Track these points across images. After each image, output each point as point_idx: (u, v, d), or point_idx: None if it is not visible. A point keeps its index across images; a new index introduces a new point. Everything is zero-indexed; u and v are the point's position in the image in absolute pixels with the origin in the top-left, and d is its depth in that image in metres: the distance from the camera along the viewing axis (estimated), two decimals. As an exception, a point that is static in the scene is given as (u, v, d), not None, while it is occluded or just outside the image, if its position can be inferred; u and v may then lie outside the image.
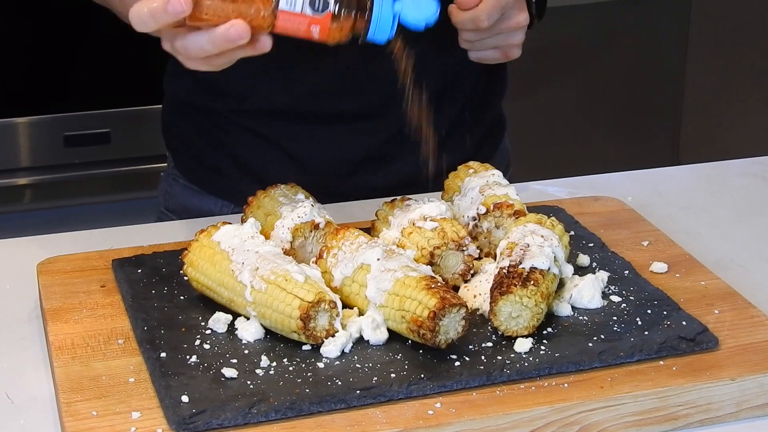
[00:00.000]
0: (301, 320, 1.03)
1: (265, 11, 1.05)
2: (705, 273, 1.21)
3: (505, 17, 1.30)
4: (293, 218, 1.18)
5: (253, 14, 1.05)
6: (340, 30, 1.07)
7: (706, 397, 1.02)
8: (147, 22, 1.05)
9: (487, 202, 1.21)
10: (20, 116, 2.58)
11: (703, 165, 1.62)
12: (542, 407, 0.98)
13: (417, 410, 0.98)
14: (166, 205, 1.61)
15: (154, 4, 1.04)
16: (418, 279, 1.06)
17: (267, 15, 1.06)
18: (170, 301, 1.13)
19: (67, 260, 1.23)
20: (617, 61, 3.27)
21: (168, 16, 1.04)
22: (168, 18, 1.04)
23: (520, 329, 1.06)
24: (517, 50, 1.35)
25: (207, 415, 0.95)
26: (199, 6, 1.04)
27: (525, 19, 1.32)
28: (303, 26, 1.06)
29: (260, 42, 1.07)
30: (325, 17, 1.06)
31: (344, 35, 1.08)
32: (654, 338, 1.06)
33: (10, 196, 2.63)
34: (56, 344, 1.07)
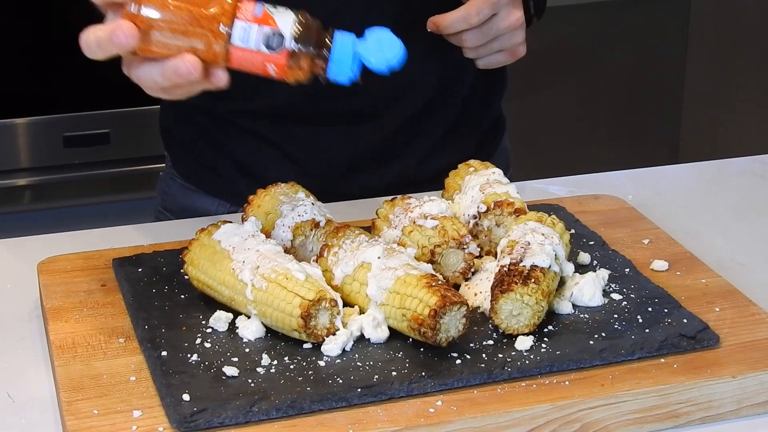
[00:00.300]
0: (302, 318, 1.03)
1: (217, 46, 1.01)
2: (705, 271, 1.21)
3: (499, 17, 1.30)
4: (294, 217, 1.18)
5: (205, 49, 1.01)
6: (298, 69, 1.02)
7: (707, 395, 1.02)
8: (94, 51, 1.01)
9: (488, 200, 1.21)
10: (20, 117, 2.58)
11: (703, 163, 1.62)
12: (543, 405, 0.98)
13: (418, 408, 0.97)
14: (163, 204, 1.61)
15: (100, 33, 1.00)
16: (419, 277, 1.06)
17: (219, 50, 1.01)
18: (171, 300, 1.13)
19: (67, 260, 1.23)
20: (617, 61, 3.27)
21: (113, 46, 1.00)
22: (114, 48, 1.00)
23: (521, 327, 1.06)
24: (522, 48, 1.35)
25: (208, 414, 0.95)
26: (147, 38, 1.00)
27: (520, 17, 1.32)
28: (258, 63, 1.01)
29: (215, 76, 1.02)
30: (281, 55, 1.01)
31: (303, 75, 1.03)
32: (655, 336, 1.06)
33: (10, 196, 2.64)
34: (57, 343, 1.07)
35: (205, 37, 1.01)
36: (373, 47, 1.03)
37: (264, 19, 1.01)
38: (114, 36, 0.99)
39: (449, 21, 1.30)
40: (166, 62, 1.01)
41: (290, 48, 1.01)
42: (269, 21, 1.01)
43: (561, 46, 3.13)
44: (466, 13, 1.28)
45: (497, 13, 1.30)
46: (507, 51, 1.34)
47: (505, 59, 1.35)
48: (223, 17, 1.00)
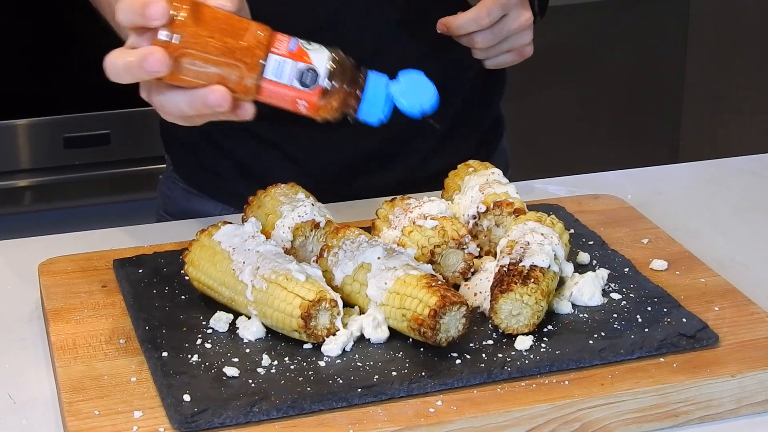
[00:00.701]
0: (302, 319, 1.04)
1: (249, 79, 0.98)
2: (705, 270, 1.21)
3: (510, 18, 1.30)
4: (294, 217, 1.18)
5: (236, 80, 0.98)
6: (329, 107, 1.00)
7: (706, 394, 1.02)
8: (122, 75, 0.98)
9: (487, 200, 1.22)
10: (20, 118, 2.59)
11: (702, 163, 1.62)
12: (543, 405, 0.98)
13: (418, 408, 0.98)
14: (165, 208, 1.61)
15: (130, 58, 0.97)
16: (419, 277, 1.06)
17: (251, 83, 0.98)
18: (171, 301, 1.14)
19: (68, 261, 1.23)
20: (616, 61, 3.27)
21: (143, 73, 0.97)
22: (144, 75, 0.97)
23: (521, 327, 1.07)
24: (530, 48, 1.35)
25: (209, 414, 0.96)
26: (178, 66, 0.97)
27: (529, 17, 1.32)
28: (289, 99, 0.99)
29: (242, 109, 1.00)
30: (313, 93, 0.99)
31: (333, 113, 1.01)
32: (654, 335, 1.07)
33: (11, 197, 2.64)
34: (58, 344, 1.08)
35: (237, 69, 0.98)
36: (406, 89, 1.01)
37: (299, 54, 0.98)
38: (145, 62, 0.96)
39: (460, 22, 1.29)
40: (195, 92, 0.98)
41: (324, 86, 0.99)
42: (304, 57, 0.99)
43: (560, 46, 3.13)
44: (477, 15, 1.28)
45: (507, 14, 1.30)
46: (515, 51, 1.34)
47: (513, 59, 1.35)
48: (258, 50, 0.98)
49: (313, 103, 1.00)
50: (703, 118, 3.41)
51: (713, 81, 3.38)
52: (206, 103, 0.98)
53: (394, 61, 1.33)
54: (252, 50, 0.98)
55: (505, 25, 1.30)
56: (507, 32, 1.30)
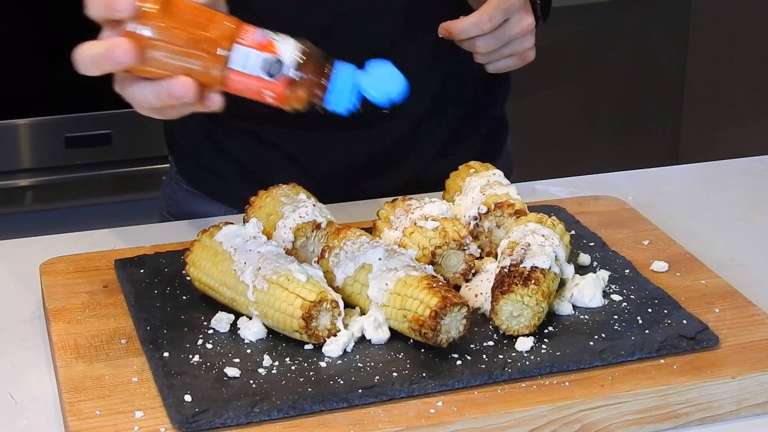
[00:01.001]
0: (303, 320, 1.04)
1: (215, 69, 0.99)
2: (705, 272, 1.22)
3: (512, 23, 1.30)
4: (295, 218, 1.18)
5: (203, 71, 0.98)
6: (296, 97, 1.00)
7: (706, 396, 1.02)
8: (89, 67, 0.99)
9: (488, 201, 1.22)
10: (22, 117, 2.59)
11: (703, 164, 1.62)
12: (543, 406, 0.99)
13: (419, 409, 0.98)
14: (168, 209, 1.61)
15: (96, 49, 0.98)
16: (420, 278, 1.06)
17: (217, 73, 0.99)
18: (173, 301, 1.14)
19: (69, 261, 1.23)
20: (617, 62, 3.27)
21: (110, 64, 0.98)
22: (110, 66, 0.98)
23: (522, 328, 1.07)
24: (531, 53, 1.35)
25: (210, 414, 0.96)
26: (145, 57, 0.98)
27: (531, 21, 1.32)
28: (255, 89, 1.00)
29: (209, 100, 1.01)
30: (279, 83, 0.99)
31: (300, 103, 1.01)
32: (655, 337, 1.07)
33: (12, 197, 2.64)
34: (59, 344, 1.08)
35: (203, 60, 0.99)
36: (374, 80, 1.02)
37: (265, 45, 0.99)
38: (110, 53, 0.97)
39: (461, 27, 1.29)
40: (160, 82, 0.99)
41: (290, 76, 0.99)
42: (270, 47, 0.99)
43: (561, 47, 3.13)
44: (479, 19, 1.28)
45: (509, 19, 1.30)
46: (517, 56, 1.34)
47: (515, 64, 1.35)
48: (224, 41, 0.99)
49: (280, 93, 1.00)
50: (703, 119, 3.41)
51: (714, 82, 3.39)
52: (171, 94, 0.98)
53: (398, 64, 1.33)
54: (218, 41, 0.99)
55: (507, 29, 1.30)
56: (509, 37, 1.30)
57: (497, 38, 1.30)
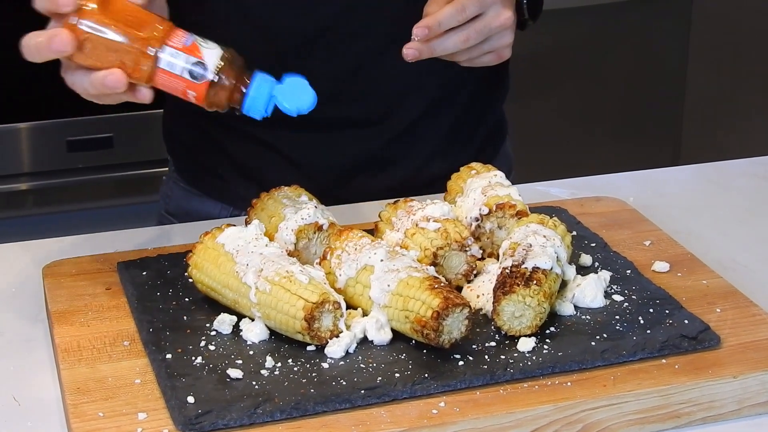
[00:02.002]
0: (305, 321, 1.04)
1: (144, 66, 1.08)
2: (707, 272, 1.22)
3: (490, 16, 1.27)
4: (297, 220, 1.18)
5: (133, 66, 1.07)
6: (216, 99, 1.09)
7: (708, 395, 1.02)
8: (33, 54, 1.10)
9: (490, 202, 1.22)
10: (23, 121, 2.59)
11: (704, 165, 1.62)
12: (545, 406, 0.99)
13: (421, 409, 0.98)
14: (166, 208, 1.62)
15: (39, 38, 1.08)
16: (422, 279, 1.06)
17: (146, 69, 1.08)
18: (175, 303, 1.14)
19: (72, 263, 1.24)
20: (619, 63, 3.27)
21: (51, 52, 1.08)
22: (50, 54, 1.08)
23: (523, 329, 1.07)
24: (508, 50, 1.32)
25: (212, 416, 0.96)
26: (83, 49, 1.07)
27: (511, 16, 1.29)
28: (180, 88, 1.09)
29: (140, 92, 1.10)
30: (201, 85, 1.08)
31: (219, 104, 1.10)
32: (656, 337, 1.07)
33: (14, 200, 2.64)
34: (62, 346, 1.08)
35: (134, 56, 1.08)
36: (288, 92, 1.11)
37: (192, 49, 1.08)
38: (52, 42, 1.07)
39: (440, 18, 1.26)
40: (96, 73, 1.08)
41: (211, 79, 1.08)
42: (196, 52, 1.08)
43: (562, 49, 3.13)
44: (454, 9, 1.26)
45: (487, 13, 1.28)
46: (494, 53, 1.32)
47: (490, 60, 1.33)
48: (154, 41, 1.08)
49: (201, 94, 1.09)
50: (705, 120, 3.41)
51: (715, 83, 3.39)
52: (104, 84, 1.08)
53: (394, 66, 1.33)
54: (149, 40, 1.08)
55: (487, 23, 1.27)
56: (489, 31, 1.28)
57: (478, 31, 1.27)
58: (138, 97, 1.10)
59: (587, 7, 3.15)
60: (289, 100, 1.11)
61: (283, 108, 1.12)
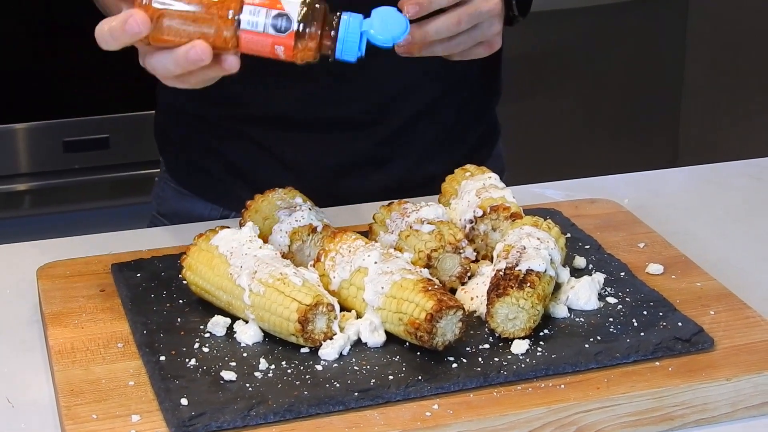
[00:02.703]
0: (299, 323, 1.04)
1: (227, 32, 1.04)
2: (701, 274, 1.22)
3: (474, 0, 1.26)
4: (291, 222, 1.18)
5: (215, 35, 1.04)
6: (306, 50, 1.05)
7: (701, 398, 1.02)
8: (108, 41, 1.05)
9: (484, 204, 1.22)
10: (20, 122, 2.59)
11: (699, 167, 1.62)
12: (539, 408, 0.99)
13: (415, 412, 0.98)
14: (158, 209, 1.62)
15: (113, 23, 1.04)
16: (415, 282, 1.06)
17: (229, 36, 1.04)
18: (169, 305, 1.14)
19: (66, 265, 1.24)
20: (615, 64, 3.27)
21: (126, 36, 1.04)
22: (127, 38, 1.04)
23: (517, 331, 1.07)
24: (499, 39, 1.31)
25: (206, 418, 0.96)
26: (158, 27, 1.04)
27: (498, 3, 1.27)
28: (267, 46, 1.04)
29: (227, 62, 1.06)
30: (288, 37, 1.04)
31: (310, 55, 1.06)
32: (650, 339, 1.07)
33: (10, 201, 2.64)
34: (56, 348, 1.08)
35: (214, 23, 1.04)
36: (379, 24, 1.07)
37: (271, 2, 1.04)
38: (127, 25, 1.03)
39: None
40: (177, 50, 1.04)
41: (297, 29, 1.04)
42: (276, 4, 1.04)
43: (558, 50, 3.14)
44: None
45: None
46: (485, 44, 1.31)
47: (482, 52, 1.32)
48: (232, 3, 1.04)
49: (290, 47, 1.05)
50: (701, 122, 3.42)
51: (712, 85, 3.39)
52: (188, 59, 1.04)
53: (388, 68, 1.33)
54: (227, 3, 1.04)
55: (477, 6, 1.26)
56: (479, 15, 1.26)
57: (470, 14, 1.26)
58: (225, 67, 1.06)
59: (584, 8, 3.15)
60: (382, 32, 1.07)
61: (377, 41, 1.07)
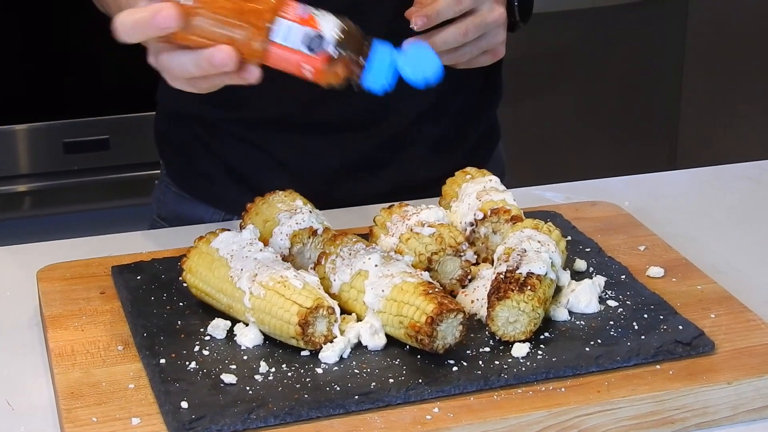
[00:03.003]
0: (299, 326, 1.04)
1: (257, 41, 1.00)
2: (701, 277, 1.22)
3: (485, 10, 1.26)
4: (291, 225, 1.18)
5: (244, 42, 1.00)
6: (334, 73, 1.02)
7: (702, 401, 1.02)
8: (130, 33, 0.99)
9: (485, 207, 1.22)
10: (20, 123, 2.59)
11: (699, 170, 1.62)
12: (539, 411, 0.99)
13: (415, 415, 0.98)
14: (158, 213, 1.62)
15: (140, 14, 0.98)
16: (416, 285, 1.06)
17: (259, 45, 1.00)
18: (169, 308, 1.14)
19: (66, 267, 1.23)
20: (614, 67, 3.27)
21: (154, 29, 0.98)
22: (154, 32, 0.99)
23: (518, 334, 1.07)
24: (503, 48, 1.32)
25: (206, 421, 0.96)
26: (187, 24, 0.99)
27: (503, 13, 1.29)
28: (294, 63, 1.01)
29: (248, 71, 1.01)
30: (319, 58, 1.01)
31: (337, 79, 1.03)
32: (651, 342, 1.07)
33: (10, 202, 2.64)
34: (56, 351, 1.08)
35: (246, 30, 1.00)
36: (411, 60, 1.04)
37: (308, 20, 1.01)
38: (157, 18, 0.97)
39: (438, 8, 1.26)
40: (201, 51, 0.99)
41: (330, 52, 1.01)
42: (312, 22, 1.01)
43: (557, 52, 3.13)
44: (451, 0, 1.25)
45: (480, 8, 1.28)
46: (490, 52, 1.32)
47: (487, 60, 1.33)
48: (268, 13, 1.00)
49: (319, 69, 1.01)
50: (700, 124, 3.42)
51: (711, 87, 3.39)
52: (212, 62, 0.99)
53: None
54: (262, 13, 1.00)
55: (483, 17, 1.27)
56: (485, 26, 1.27)
57: (476, 25, 1.27)
58: (245, 77, 1.01)
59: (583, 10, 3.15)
60: (413, 68, 1.03)
61: (408, 77, 1.04)
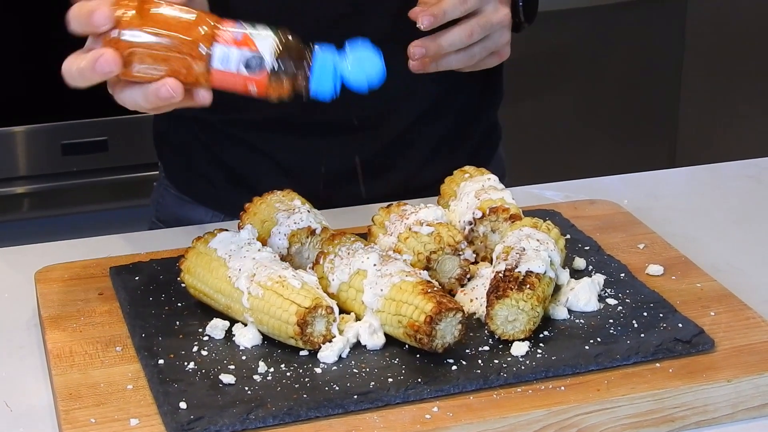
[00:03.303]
0: (298, 326, 1.04)
1: (197, 68, 1.02)
2: (701, 275, 1.22)
3: (489, 11, 1.27)
4: (290, 224, 1.18)
5: (186, 72, 1.02)
6: (279, 87, 1.03)
7: (702, 399, 1.02)
8: (77, 80, 1.03)
9: (483, 206, 1.22)
10: (18, 125, 2.59)
11: (698, 168, 1.62)
12: (539, 410, 0.99)
13: (414, 414, 0.98)
14: (157, 215, 1.61)
15: (82, 63, 1.02)
16: (415, 284, 1.06)
17: (200, 72, 1.02)
18: (168, 308, 1.14)
19: (64, 268, 1.23)
20: (614, 66, 3.27)
21: (97, 75, 1.02)
22: (97, 78, 1.02)
23: (517, 333, 1.07)
24: (508, 48, 1.33)
25: (205, 422, 0.96)
26: (130, 63, 1.02)
27: (508, 13, 1.30)
28: (239, 84, 1.03)
29: (199, 96, 1.04)
30: (260, 76, 1.03)
31: (284, 92, 1.04)
32: (650, 340, 1.07)
33: (8, 204, 2.64)
34: (54, 352, 1.08)
35: (185, 61, 1.02)
36: (354, 64, 1.04)
37: (244, 41, 1.02)
38: (97, 65, 1.01)
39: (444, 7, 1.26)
40: (148, 86, 1.02)
41: (270, 68, 1.03)
42: (249, 43, 1.02)
43: (557, 51, 3.13)
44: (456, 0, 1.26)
45: (485, 9, 1.28)
46: (496, 53, 1.33)
47: (492, 62, 1.33)
48: (204, 42, 1.02)
49: (263, 86, 1.03)
50: (700, 124, 3.42)
51: (710, 86, 3.39)
52: (159, 96, 1.02)
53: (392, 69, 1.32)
54: (198, 42, 1.02)
55: (488, 18, 1.28)
56: (490, 27, 1.28)
57: (481, 26, 1.27)
58: (197, 101, 1.04)
59: (582, 9, 3.15)
60: (356, 73, 1.04)
61: (351, 84, 1.05)
